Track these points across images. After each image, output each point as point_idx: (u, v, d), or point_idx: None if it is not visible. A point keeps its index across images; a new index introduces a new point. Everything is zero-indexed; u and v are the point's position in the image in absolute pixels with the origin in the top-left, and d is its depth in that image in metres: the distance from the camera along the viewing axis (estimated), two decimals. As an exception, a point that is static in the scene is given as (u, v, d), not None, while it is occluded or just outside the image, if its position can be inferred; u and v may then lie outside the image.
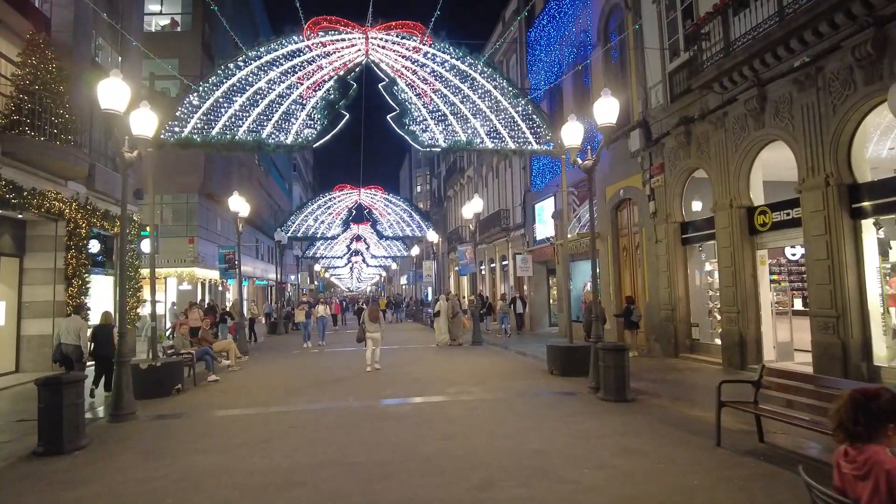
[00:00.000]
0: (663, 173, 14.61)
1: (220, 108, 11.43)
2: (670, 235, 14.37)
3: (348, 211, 29.92)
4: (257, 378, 12.41)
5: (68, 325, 10.64)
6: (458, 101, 11.98)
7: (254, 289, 41.93)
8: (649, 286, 15.42)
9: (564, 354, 11.67)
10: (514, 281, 26.34)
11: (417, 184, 69.54)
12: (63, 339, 10.46)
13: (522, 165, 25.36)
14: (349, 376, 12.12)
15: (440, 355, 16.11)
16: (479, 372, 12.20)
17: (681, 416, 7.78)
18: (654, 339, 15.07)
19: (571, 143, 10.66)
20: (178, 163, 26.88)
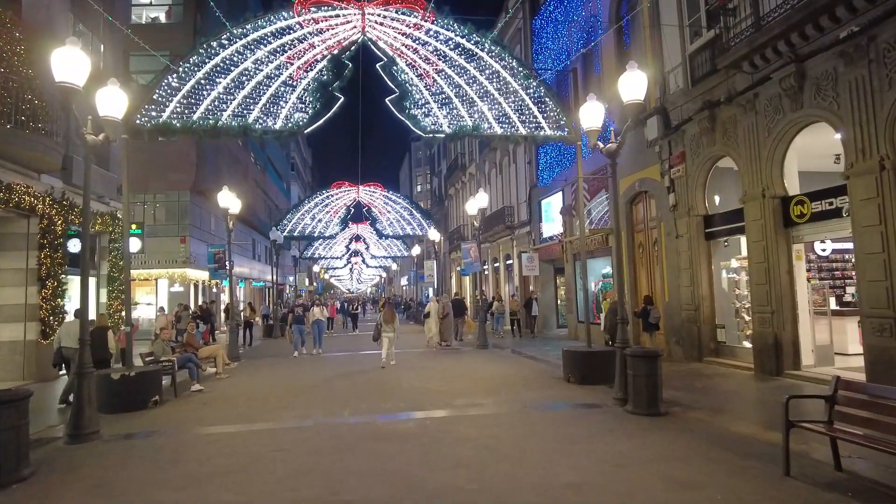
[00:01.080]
0: (684, 163, 13.53)
1: (202, 90, 10.36)
2: (692, 230, 13.30)
3: (346, 209, 28.83)
4: (245, 387, 11.33)
5: (69, 329, 10.48)
6: (464, 82, 10.92)
7: (250, 290, 40.86)
8: (669, 285, 14.34)
9: (582, 361, 10.60)
10: (520, 281, 25.27)
11: (417, 183, 68.52)
12: (63, 342, 10.41)
13: (528, 160, 24.30)
14: (345, 385, 11.05)
15: (444, 360, 15.01)
16: (489, 380, 11.12)
17: (727, 433, 6.71)
18: (674, 342, 13.99)
19: (591, 124, 9.60)
20: (170, 159, 25.88)
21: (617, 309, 12.54)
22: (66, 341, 10.40)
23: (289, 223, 28.14)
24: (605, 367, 10.55)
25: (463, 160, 36.64)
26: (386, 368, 13.03)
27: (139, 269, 25.33)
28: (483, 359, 14.83)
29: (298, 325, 17.02)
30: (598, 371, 10.50)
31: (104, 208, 16.40)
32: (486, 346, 17.62)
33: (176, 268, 25.38)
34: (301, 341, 16.99)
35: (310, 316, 17.51)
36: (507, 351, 16.81)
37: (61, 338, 10.65)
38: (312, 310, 17.82)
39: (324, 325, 18.05)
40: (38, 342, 13.01)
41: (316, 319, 17.55)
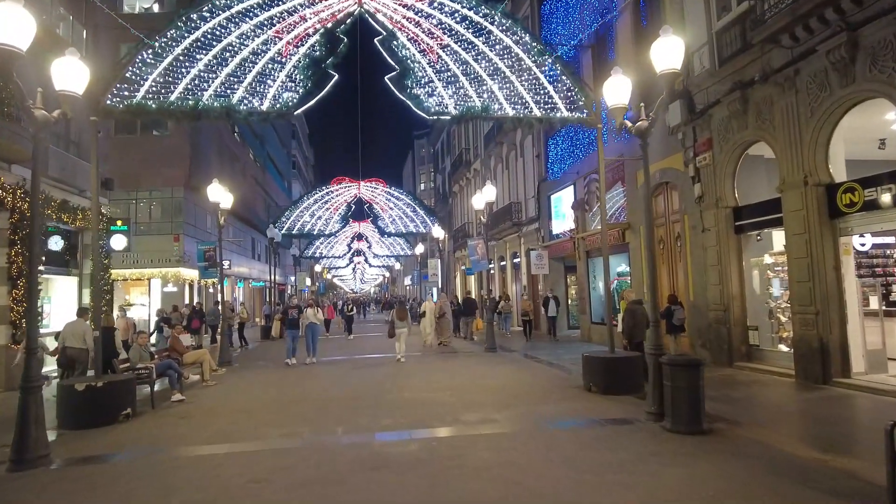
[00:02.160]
0: (711, 150, 12.42)
1: (180, 67, 9.28)
2: (721, 223, 12.19)
3: (347, 206, 27.75)
4: (231, 397, 10.26)
5: (73, 328, 10.31)
6: (471, 59, 9.83)
7: (249, 291, 39.85)
8: (694, 283, 13.23)
9: (605, 368, 9.49)
10: (528, 279, 24.16)
11: (421, 181, 67.32)
12: (68, 342, 10.16)
13: (536, 154, 23.19)
14: (341, 395, 9.95)
15: (450, 366, 13.92)
16: (500, 389, 10.02)
17: (792, 459, 5.61)
18: (700, 345, 12.88)
19: (617, 101, 8.50)
20: (163, 154, 24.86)
21: (635, 310, 11.49)
22: (70, 341, 10.15)
23: (287, 220, 27.07)
24: (631, 375, 9.49)
25: (467, 156, 35.52)
26: (387, 376, 11.99)
27: (131, 269, 24.33)
28: (492, 364, 13.72)
29: (291, 329, 14.94)
30: (623, 379, 9.42)
31: (86, 203, 15.33)
32: (494, 348, 16.52)
33: (169, 267, 24.32)
34: (293, 349, 14.74)
35: (302, 319, 15.21)
36: (517, 354, 15.70)
37: (66, 338, 10.35)
38: (305, 311, 15.44)
39: (318, 330, 15.78)
40: (9, 347, 11.98)
41: (309, 323, 15.23)
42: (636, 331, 10.93)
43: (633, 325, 10.92)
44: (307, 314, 15.38)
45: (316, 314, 15.70)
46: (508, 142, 26.93)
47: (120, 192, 25.17)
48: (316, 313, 15.70)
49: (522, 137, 25.14)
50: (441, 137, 47.94)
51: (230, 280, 33.79)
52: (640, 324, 10.96)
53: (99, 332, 9.27)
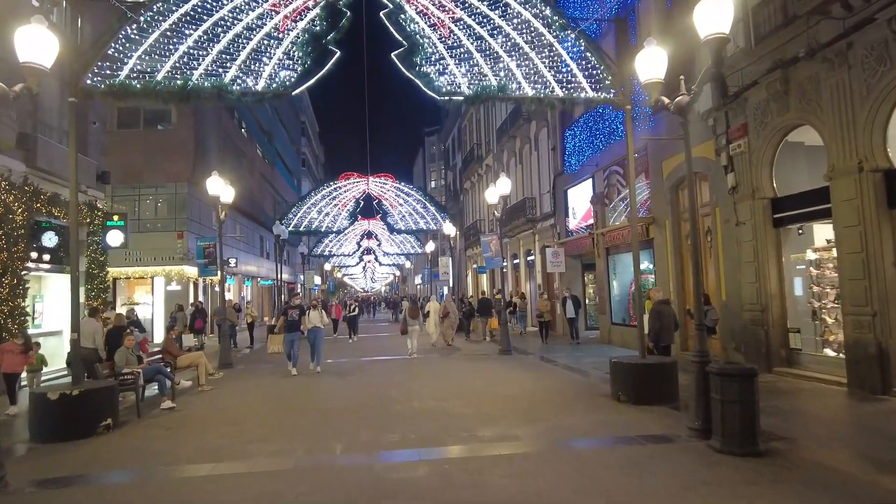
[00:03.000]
0: (746, 136, 11.41)
1: (167, 44, 8.46)
2: (758, 215, 11.18)
3: (356, 202, 26.91)
4: (225, 405, 9.43)
5: (84, 328, 9.96)
6: (487, 33, 8.91)
7: (258, 289, 39.20)
8: (726, 281, 12.22)
9: (637, 375, 8.54)
10: (543, 278, 23.18)
11: (431, 179, 66.45)
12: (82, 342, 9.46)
13: (552, 146, 22.20)
14: (343, 404, 9.06)
15: (462, 370, 13.01)
16: (519, 398, 9.10)
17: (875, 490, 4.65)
18: (733, 349, 11.86)
19: (651, 75, 7.55)
20: (166, 148, 24.19)
21: (662, 310, 10.53)
22: (84, 341, 9.87)
23: (294, 217, 26.29)
24: (664, 383, 8.54)
25: (479, 151, 34.57)
26: (394, 382, 11.10)
27: (134, 267, 23.71)
28: (508, 368, 12.79)
29: (291, 333, 12.91)
30: (657, 388, 8.47)
31: (81, 197, 14.53)
32: (510, 351, 15.59)
33: (173, 265, 23.64)
34: (294, 355, 12.83)
35: (305, 322, 13.21)
36: (533, 358, 14.76)
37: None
38: (308, 314, 13.34)
39: (322, 335, 13.41)
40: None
41: (313, 327, 13.17)
42: (663, 333, 10.00)
43: (659, 328, 10.04)
44: (310, 317, 13.31)
45: (321, 317, 13.51)
46: (522, 135, 25.97)
47: (122, 188, 24.56)
48: (321, 316, 13.52)
49: (537, 130, 24.17)
50: (452, 133, 47.04)
51: (237, 279, 33.16)
52: (667, 325, 10.07)
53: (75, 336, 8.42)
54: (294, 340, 12.93)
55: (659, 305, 10.43)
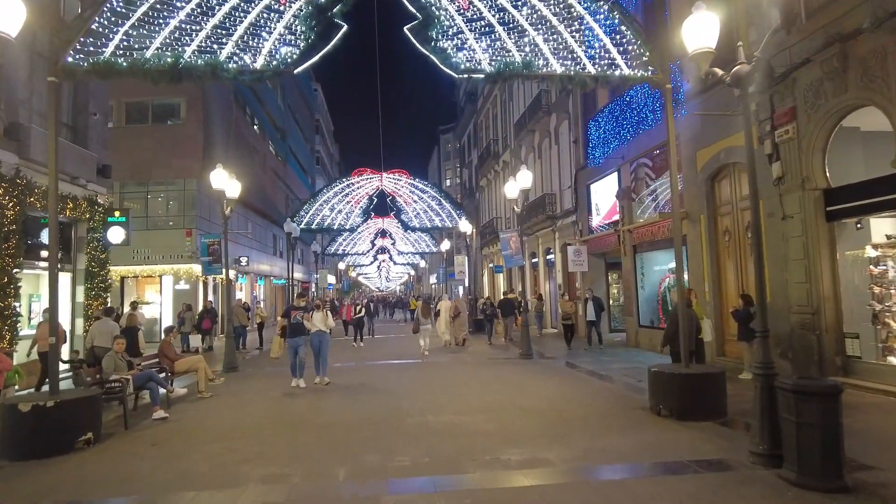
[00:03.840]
0: (795, 121, 10.34)
1: (157, 18, 7.65)
2: (808, 208, 10.12)
3: (369, 199, 26.10)
4: (221, 416, 8.59)
5: (101, 328, 10.96)
6: (510, 4, 7.99)
7: (271, 288, 38.59)
8: (772, 281, 11.12)
9: (681, 386, 7.55)
10: (563, 278, 22.15)
11: (447, 177, 65.54)
12: (97, 342, 10.66)
13: (573, 139, 21.17)
14: (348, 417, 8.15)
15: (482, 376, 12.07)
16: (546, 411, 8.15)
17: None
18: (779, 355, 10.78)
19: (701, 44, 6.58)
20: (175, 144, 23.57)
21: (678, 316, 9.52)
22: (99, 340, 10.63)
23: (306, 215, 25.55)
24: (712, 395, 7.55)
25: (495, 147, 33.61)
26: (407, 391, 10.19)
27: (142, 266, 23.15)
28: (530, 374, 11.83)
29: (295, 338, 11.13)
30: (703, 401, 7.49)
31: (79, 191, 13.95)
32: (531, 354, 14.63)
33: (181, 263, 23.01)
34: (299, 365, 11.05)
35: (309, 324, 11.30)
36: (557, 363, 13.78)
37: (94, 337, 10.95)
38: (312, 316, 11.34)
39: (328, 341, 11.53)
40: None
41: (317, 332, 11.28)
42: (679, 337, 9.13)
43: (674, 332, 9.10)
44: (314, 319, 11.30)
45: (326, 320, 11.51)
46: (541, 128, 24.97)
47: (131, 185, 24.06)
48: (326, 318, 11.51)
49: (557, 123, 23.16)
50: (468, 130, 46.13)
51: (249, 278, 32.56)
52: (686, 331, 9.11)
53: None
54: (298, 347, 11.07)
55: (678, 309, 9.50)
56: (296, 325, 11.20)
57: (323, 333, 11.37)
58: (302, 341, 11.18)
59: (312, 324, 11.25)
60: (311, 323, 11.27)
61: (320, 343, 11.30)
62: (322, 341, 11.33)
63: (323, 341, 11.35)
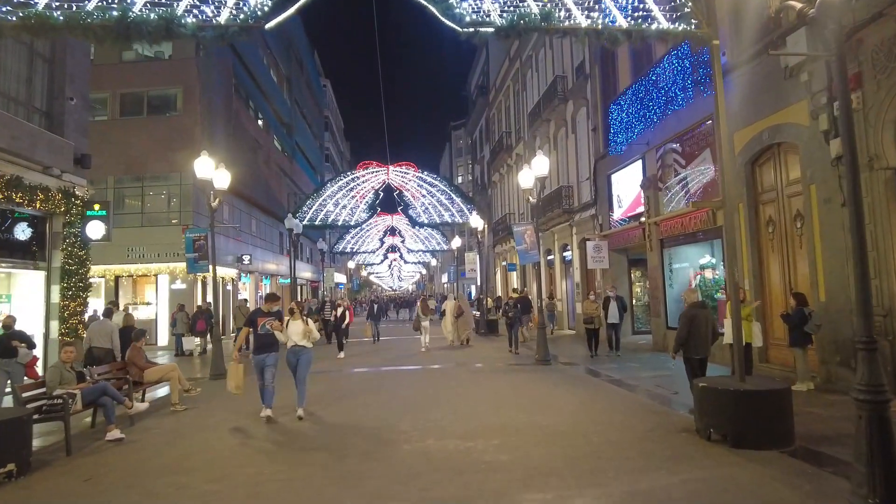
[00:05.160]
0: (860, 89, 8.85)
1: (100, -37, 6.37)
2: (877, 191, 8.66)
3: (375, 193, 24.81)
4: (185, 439, 7.28)
5: (100, 328, 11.26)
6: (524, -57, 6.62)
7: (277, 288, 37.44)
8: (827, 278, 9.66)
9: (738, 406, 6.11)
10: (582, 276, 20.69)
11: (458, 174, 64.23)
12: (94, 342, 10.93)
13: (592, 126, 19.73)
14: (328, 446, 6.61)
15: (493, 387, 10.67)
16: (572, 434, 6.75)
17: None
18: (838, 363, 9.32)
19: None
20: (171, 136, 22.45)
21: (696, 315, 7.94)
22: (97, 341, 10.90)
23: (309, 210, 24.32)
24: (776, 418, 6.12)
25: (508, 140, 32.17)
26: (405, 407, 8.76)
27: (137, 264, 22.09)
28: (550, 385, 10.40)
29: (262, 354, 8.16)
30: (766, 424, 6.06)
31: (53, 182, 12.76)
32: (549, 360, 13.23)
33: (178, 262, 21.80)
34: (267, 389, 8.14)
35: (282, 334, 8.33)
36: (578, 370, 12.37)
37: (92, 338, 11.15)
38: (287, 326, 8.38)
39: (309, 358, 8.51)
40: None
41: (293, 347, 8.37)
42: (693, 343, 7.90)
43: (687, 335, 7.87)
44: (290, 330, 8.34)
45: (307, 330, 8.39)
46: (557, 117, 23.51)
47: (126, 179, 23.01)
48: (306, 328, 8.40)
49: (574, 110, 21.70)
50: (479, 124, 44.74)
51: (253, 277, 31.45)
52: (700, 334, 7.87)
53: None
54: (267, 367, 8.12)
55: (692, 310, 8.15)
56: (264, 338, 8.19)
57: (302, 349, 8.37)
58: (273, 360, 8.21)
59: (287, 335, 8.28)
60: (285, 334, 8.28)
61: (298, 362, 8.35)
62: (300, 359, 8.36)
63: (301, 359, 8.36)
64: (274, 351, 8.27)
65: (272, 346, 8.25)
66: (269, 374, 8.16)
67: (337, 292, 58.50)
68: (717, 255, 13.74)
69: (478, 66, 44.46)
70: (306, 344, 8.43)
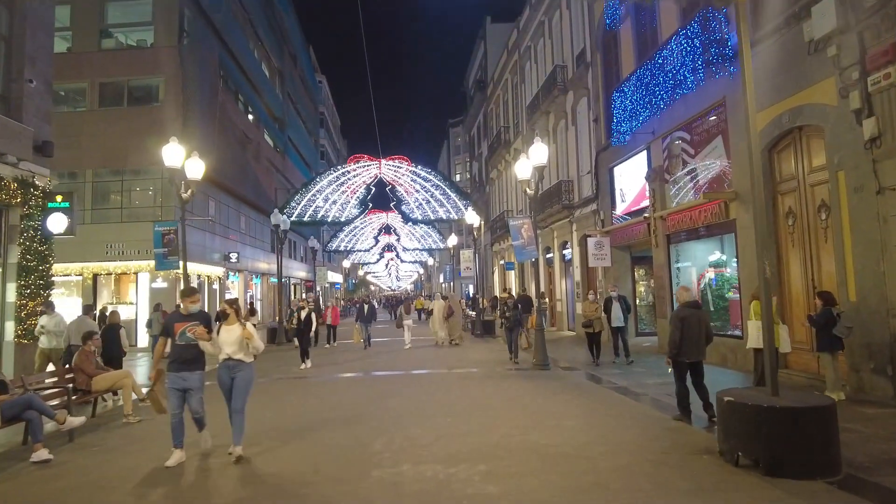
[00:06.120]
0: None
1: None
2: (917, 176, 7.63)
3: (366, 188, 23.77)
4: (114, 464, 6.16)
5: (78, 326, 10.78)
6: None
7: (268, 287, 36.44)
8: (858, 274, 8.66)
9: (773, 425, 5.10)
10: (582, 274, 19.69)
11: (457, 172, 63.12)
12: (73, 340, 10.57)
13: (594, 117, 18.73)
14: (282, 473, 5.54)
15: (485, 397, 9.64)
16: (576, 457, 5.73)
17: None
18: (873, 370, 8.32)
19: None
20: (152, 127, 21.30)
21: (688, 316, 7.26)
22: (75, 339, 10.52)
23: (298, 206, 23.29)
24: (820, 440, 5.09)
25: (506, 135, 31.14)
26: (381, 423, 7.74)
27: (116, 262, 21.07)
28: (549, 394, 9.35)
29: (181, 372, 6.06)
30: (806, 448, 5.04)
31: (9, 171, 11.74)
32: (547, 364, 12.22)
33: (157, 259, 20.80)
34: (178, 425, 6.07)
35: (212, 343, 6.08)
36: (578, 375, 11.36)
37: (71, 335, 10.89)
38: (218, 332, 6.15)
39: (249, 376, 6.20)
40: None
41: (226, 362, 6.15)
42: (685, 345, 7.20)
43: (680, 338, 7.18)
44: (221, 339, 6.11)
45: (247, 338, 6.07)
46: (557, 109, 22.51)
47: (104, 172, 22.01)
48: (246, 335, 6.07)
49: (575, 102, 20.71)
50: (477, 120, 43.73)
51: (242, 275, 30.44)
52: (692, 336, 7.25)
53: None
54: (189, 389, 6.06)
55: (684, 309, 7.45)
56: (182, 350, 6.01)
57: (239, 365, 6.08)
58: (196, 380, 6.06)
59: (217, 347, 6.04)
60: (215, 345, 6.03)
61: (233, 382, 6.07)
62: (237, 379, 6.07)
63: (239, 379, 6.08)
64: (197, 369, 6.08)
65: (194, 363, 6.05)
66: (195, 400, 6.04)
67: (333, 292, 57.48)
68: (729, 251, 12.76)
69: (476, 60, 43.45)
70: (244, 358, 6.10)
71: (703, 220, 12.48)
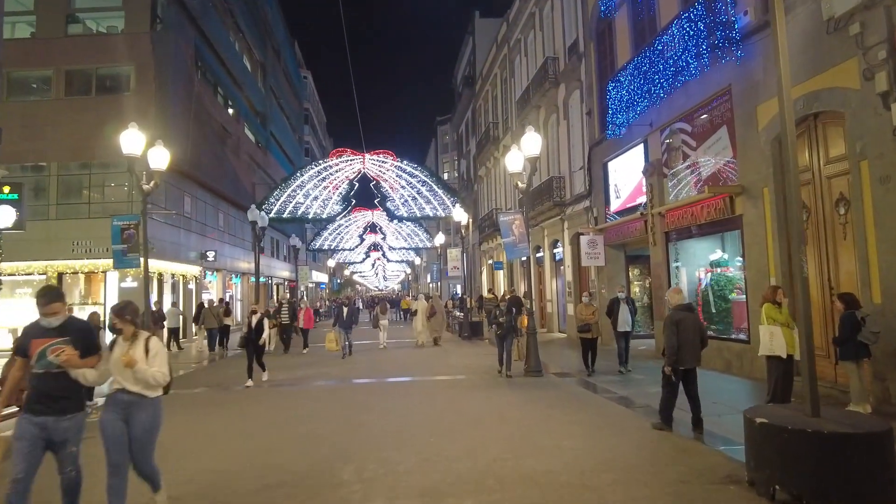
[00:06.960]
0: (932, 38, 7.05)
1: None
2: (955, 165, 6.85)
3: (349, 184, 22.79)
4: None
5: None
6: None
7: (248, 287, 35.28)
8: (883, 274, 7.88)
9: (818, 453, 4.25)
10: (574, 274, 18.87)
11: (445, 170, 62.17)
12: None
13: (587, 110, 17.91)
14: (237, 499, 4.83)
15: (473, 409, 8.73)
16: (575, 485, 4.87)
17: None
18: (899, 379, 7.52)
19: None
20: (121, 118, 20.10)
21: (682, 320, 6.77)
22: None
23: (277, 202, 22.24)
24: (873, 471, 4.24)
25: (495, 131, 30.29)
26: (358, 435, 6.85)
27: (83, 260, 19.90)
28: (544, 406, 8.42)
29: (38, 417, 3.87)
30: (857, 480, 4.19)
31: (-52, 159, 10.67)
32: (540, 371, 11.35)
33: (128, 257, 19.65)
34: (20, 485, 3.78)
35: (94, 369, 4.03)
36: (573, 383, 10.51)
37: None
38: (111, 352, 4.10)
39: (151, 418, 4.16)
40: None
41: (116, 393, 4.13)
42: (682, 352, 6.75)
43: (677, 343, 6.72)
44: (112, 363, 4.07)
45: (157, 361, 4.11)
46: (548, 103, 21.68)
47: (72, 166, 20.84)
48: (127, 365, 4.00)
49: (567, 95, 19.88)
50: (466, 117, 42.84)
51: (220, 275, 29.31)
52: (687, 341, 6.79)
53: None
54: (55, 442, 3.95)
55: (678, 313, 7.01)
56: (43, 381, 3.92)
57: (136, 401, 4.13)
58: (67, 428, 3.97)
59: (99, 373, 4.09)
60: (98, 370, 4.07)
61: (129, 425, 4.12)
62: (134, 422, 4.13)
63: (136, 422, 4.13)
64: (69, 411, 3.97)
65: (63, 400, 3.95)
66: (66, 459, 4.00)
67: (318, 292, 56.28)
68: (732, 250, 11.99)
69: (464, 56, 42.57)
70: (145, 392, 4.12)
71: (705, 216, 11.68)
